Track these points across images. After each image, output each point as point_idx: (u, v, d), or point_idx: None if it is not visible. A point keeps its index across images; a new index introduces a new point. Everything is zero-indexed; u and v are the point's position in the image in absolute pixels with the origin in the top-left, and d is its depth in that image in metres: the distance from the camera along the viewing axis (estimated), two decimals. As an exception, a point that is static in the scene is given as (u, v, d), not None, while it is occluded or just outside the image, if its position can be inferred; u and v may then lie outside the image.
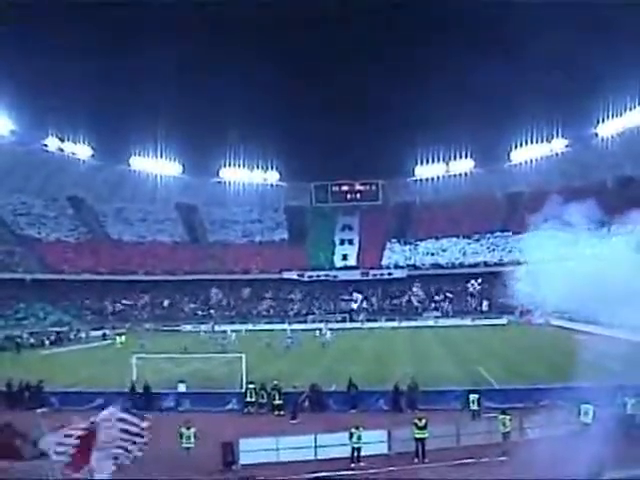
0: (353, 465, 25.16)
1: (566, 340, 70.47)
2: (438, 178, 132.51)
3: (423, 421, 26.02)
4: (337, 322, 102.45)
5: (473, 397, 32.66)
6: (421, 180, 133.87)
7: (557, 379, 37.08)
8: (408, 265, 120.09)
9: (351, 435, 25.51)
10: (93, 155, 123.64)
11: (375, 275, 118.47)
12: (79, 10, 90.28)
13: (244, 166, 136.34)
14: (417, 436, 25.89)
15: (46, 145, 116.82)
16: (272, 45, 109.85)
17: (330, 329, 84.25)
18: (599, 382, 36.18)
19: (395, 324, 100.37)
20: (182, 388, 38.85)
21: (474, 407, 32.30)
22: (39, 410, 34.63)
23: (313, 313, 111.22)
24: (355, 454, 25.56)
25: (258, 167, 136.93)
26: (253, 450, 25.81)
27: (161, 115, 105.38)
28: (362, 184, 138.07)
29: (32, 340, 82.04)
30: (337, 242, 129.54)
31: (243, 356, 40.85)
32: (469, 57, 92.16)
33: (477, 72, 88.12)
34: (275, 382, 36.42)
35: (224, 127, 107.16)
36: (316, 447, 26.42)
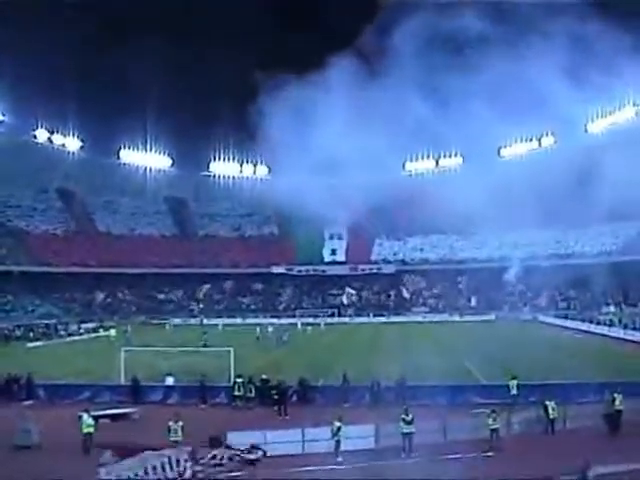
0: (340, 459, 25.21)
1: (553, 336, 71.08)
2: (428, 173, 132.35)
3: (410, 416, 26.08)
4: (326, 317, 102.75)
5: (512, 383, 33.17)
6: (411, 175, 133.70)
7: (544, 375, 37.32)
8: (397, 260, 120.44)
9: (338, 429, 25.57)
10: (82, 147, 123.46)
11: (364, 270, 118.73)
12: (69, 2, 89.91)
13: (234, 160, 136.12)
14: (404, 431, 25.97)
15: (35, 137, 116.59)
16: (259, 42, 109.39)
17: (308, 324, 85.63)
18: (586, 378, 36.51)
19: (384, 319, 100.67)
20: (170, 381, 38.81)
21: (514, 392, 32.84)
22: (26, 402, 34.71)
23: (302, 308, 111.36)
24: (339, 448, 25.65)
25: (248, 161, 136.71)
26: (241, 444, 25.84)
27: (151, 108, 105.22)
28: (351, 178, 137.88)
29: (19, 333, 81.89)
30: (326, 237, 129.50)
31: (231, 350, 40.89)
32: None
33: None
34: (263, 376, 36.49)
35: (214, 121, 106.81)
36: (304, 441, 26.51)
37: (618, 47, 43.71)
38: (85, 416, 27.15)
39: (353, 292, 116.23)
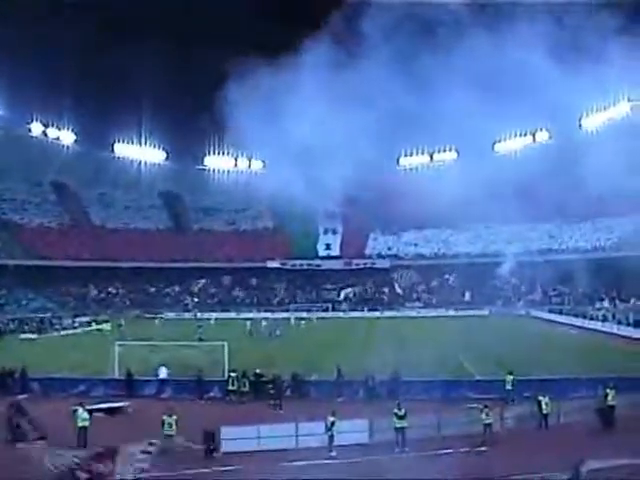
0: (333, 453, 25.26)
1: (547, 332, 71.24)
2: (422, 168, 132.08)
3: (403, 411, 26.13)
4: (320, 311, 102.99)
5: (508, 378, 33.28)
6: (405, 170, 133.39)
7: (537, 371, 37.43)
8: (391, 255, 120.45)
9: (332, 423, 25.63)
10: (77, 141, 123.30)
11: (358, 265, 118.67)
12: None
13: (228, 154, 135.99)
14: (397, 426, 26.02)
15: (30, 130, 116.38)
16: (251, 35, 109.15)
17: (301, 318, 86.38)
18: (578, 373, 36.65)
19: (377, 314, 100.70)
20: (163, 371, 38.79)
21: (509, 387, 32.98)
22: (21, 396, 34.66)
23: (296, 302, 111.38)
24: (333, 442, 25.72)
25: (242, 155, 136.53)
26: (234, 438, 25.90)
27: (145, 102, 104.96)
28: (346, 172, 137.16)
29: (13, 326, 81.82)
30: (321, 231, 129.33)
31: (225, 344, 40.94)
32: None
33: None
34: (257, 370, 36.54)
35: (208, 115, 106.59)
36: (297, 435, 26.56)
37: (613, 41, 43.78)
38: (80, 410, 27.21)
39: (350, 290, 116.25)
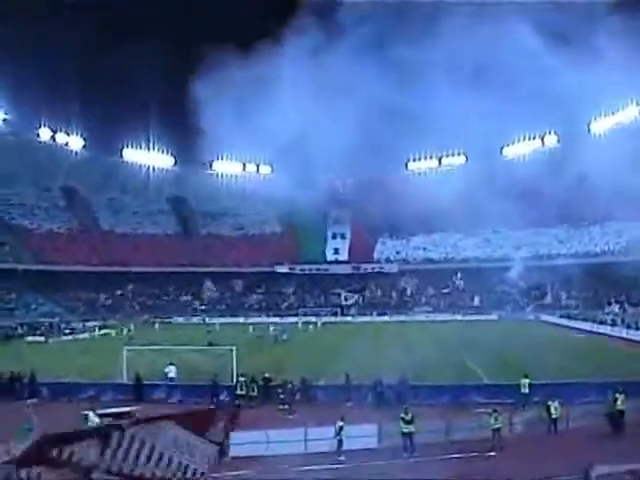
0: (342, 458, 25.21)
1: (556, 336, 71.00)
2: (431, 172, 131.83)
3: (409, 415, 26.05)
4: (329, 315, 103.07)
5: (524, 381, 33.15)
6: (414, 174, 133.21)
7: (547, 375, 37.28)
8: (399, 259, 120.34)
9: (341, 428, 25.58)
10: (85, 146, 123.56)
11: (366, 269, 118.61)
12: (70, 2, 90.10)
13: (236, 159, 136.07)
14: (404, 430, 25.94)
15: (39, 136, 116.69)
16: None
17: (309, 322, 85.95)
18: (587, 378, 36.53)
19: (386, 318, 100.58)
20: (172, 370, 38.80)
21: (524, 391, 32.85)
22: (29, 401, 34.72)
23: (304, 306, 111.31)
24: (341, 447, 25.67)
25: (250, 160, 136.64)
26: (243, 443, 25.83)
27: (154, 107, 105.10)
28: (354, 177, 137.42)
29: (22, 331, 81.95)
30: (329, 236, 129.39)
31: (234, 349, 40.91)
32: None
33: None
34: (266, 375, 36.52)
35: (216, 120, 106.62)
36: (306, 440, 26.50)
37: (622, 46, 43.70)
38: (91, 414, 27.26)
39: (357, 295, 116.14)
